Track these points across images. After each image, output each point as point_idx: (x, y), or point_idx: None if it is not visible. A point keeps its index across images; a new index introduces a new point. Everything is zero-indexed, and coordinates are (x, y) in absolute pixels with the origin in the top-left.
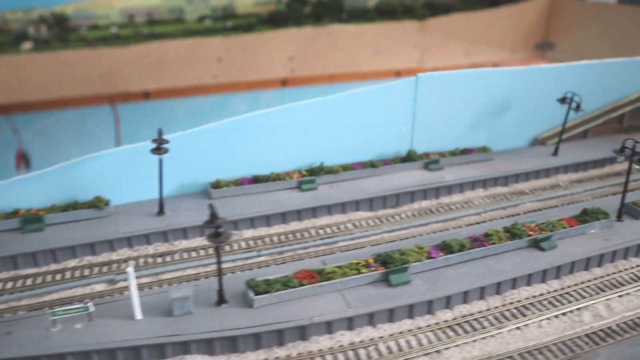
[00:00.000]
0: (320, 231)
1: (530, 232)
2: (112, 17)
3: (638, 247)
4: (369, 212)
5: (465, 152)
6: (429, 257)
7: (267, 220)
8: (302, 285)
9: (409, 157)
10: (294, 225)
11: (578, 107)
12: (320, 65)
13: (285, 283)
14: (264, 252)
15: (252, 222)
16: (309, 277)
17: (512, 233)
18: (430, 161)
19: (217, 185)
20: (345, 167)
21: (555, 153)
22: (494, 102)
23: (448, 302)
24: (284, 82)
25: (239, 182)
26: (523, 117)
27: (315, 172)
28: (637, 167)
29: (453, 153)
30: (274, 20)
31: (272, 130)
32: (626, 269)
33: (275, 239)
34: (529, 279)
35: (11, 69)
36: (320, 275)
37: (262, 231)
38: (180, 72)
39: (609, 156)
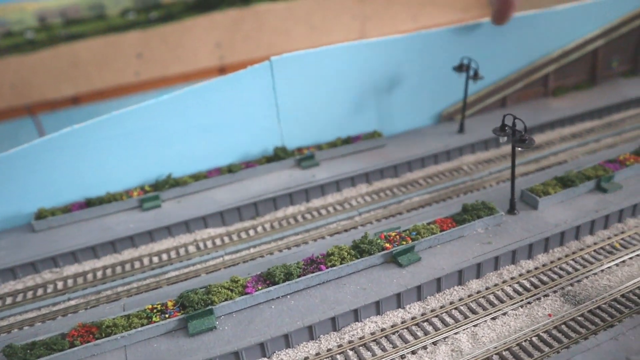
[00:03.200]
0: (155, 259)
1: (386, 245)
2: (26, 22)
3: (529, 247)
4: (219, 229)
5: (348, 141)
6: (244, 293)
7: (94, 251)
8: (74, 346)
9: (277, 156)
10: (127, 254)
11: (476, 75)
12: (251, 48)
13: (50, 346)
14: (75, 294)
15: (75, 257)
16: (86, 333)
17: (360, 249)
18: (302, 157)
19: (40, 215)
20: (197, 177)
21: (460, 130)
22: (378, 79)
23: (263, 350)
24: (222, 70)
25: (68, 209)
26: (421, 92)
27: (159, 186)
28: (519, 148)
29: (333, 144)
30: (201, 6)
31: (101, 144)
32: (512, 278)
33: (99, 274)
34: (377, 307)
35: None
36: (99, 330)
37: (87, 265)
38: (97, 73)
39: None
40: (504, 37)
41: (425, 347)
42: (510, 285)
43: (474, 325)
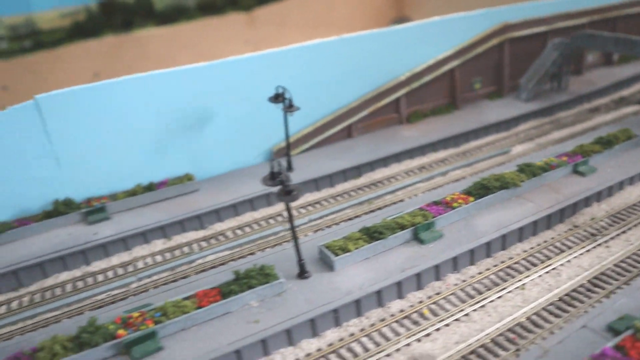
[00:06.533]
0: None
1: (120, 332)
2: None
3: (311, 323)
4: None
5: (151, 187)
6: None
7: None
8: None
9: (57, 211)
10: None
11: (291, 106)
12: None
13: None
14: None
15: None
16: None
17: (82, 341)
18: (90, 210)
19: None
20: None
21: (289, 168)
22: (189, 112)
23: None
24: None
25: None
26: (243, 126)
27: None
28: (287, 202)
29: (132, 192)
30: (82, 32)
31: None
32: None
33: None
34: None
35: None
36: None
37: None
38: None
39: (367, 161)
40: (344, 60)
41: None
42: None
43: None
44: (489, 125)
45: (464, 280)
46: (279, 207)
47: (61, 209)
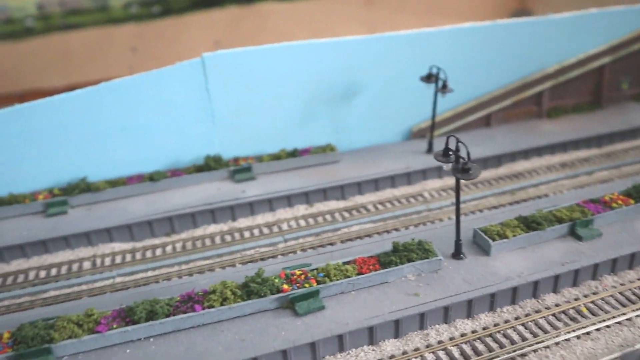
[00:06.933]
0: (43, 273)
1: (284, 286)
2: (27, 9)
3: (468, 304)
4: (126, 244)
5: (295, 154)
6: (94, 332)
7: None
8: None
9: (207, 166)
10: (15, 265)
11: (444, 87)
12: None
13: None
14: None
15: None
16: None
17: (249, 289)
18: (237, 169)
19: None
20: (115, 183)
21: (429, 150)
22: (334, 85)
23: None
24: None
25: None
26: (387, 102)
27: (69, 191)
28: (463, 179)
29: (276, 156)
30: (206, 2)
31: (5, 139)
32: (440, 342)
33: None
34: None
35: None
36: None
37: None
38: (89, 65)
39: (508, 151)
40: (491, 46)
41: None
42: (433, 352)
43: None
44: (638, 128)
45: (622, 284)
46: (419, 186)
47: (211, 164)
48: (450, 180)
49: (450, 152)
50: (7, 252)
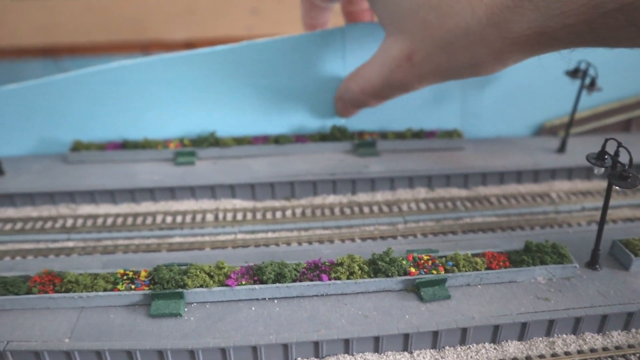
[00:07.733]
0: (169, 219)
1: (411, 269)
2: None
3: (602, 319)
4: (247, 202)
5: (420, 135)
6: (224, 285)
7: (112, 196)
8: (31, 292)
9: (332, 135)
10: (144, 207)
11: (592, 85)
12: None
13: (7, 286)
14: (76, 236)
15: (92, 197)
16: (48, 282)
17: (376, 267)
18: (361, 143)
19: (75, 147)
20: (240, 141)
21: (561, 149)
22: None
23: (225, 356)
24: None
25: (103, 147)
26: (520, 93)
27: (198, 143)
28: (618, 187)
29: (402, 135)
30: None
31: (144, 86)
32: (567, 354)
33: (109, 221)
34: (377, 344)
35: (44, 13)
36: (60, 283)
37: (102, 209)
38: (211, 22)
39: None
40: None
41: None
42: None
43: None
44: None
45: None
46: (546, 186)
47: (337, 134)
48: (581, 184)
49: (607, 156)
50: (138, 194)
